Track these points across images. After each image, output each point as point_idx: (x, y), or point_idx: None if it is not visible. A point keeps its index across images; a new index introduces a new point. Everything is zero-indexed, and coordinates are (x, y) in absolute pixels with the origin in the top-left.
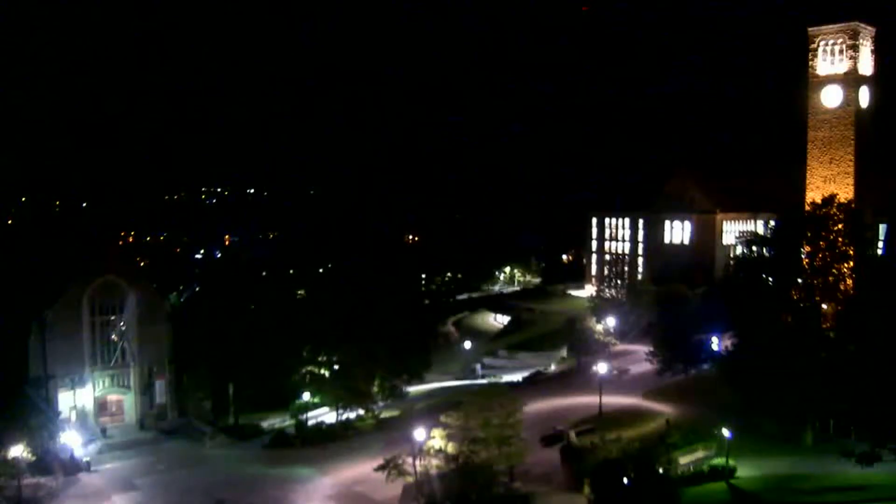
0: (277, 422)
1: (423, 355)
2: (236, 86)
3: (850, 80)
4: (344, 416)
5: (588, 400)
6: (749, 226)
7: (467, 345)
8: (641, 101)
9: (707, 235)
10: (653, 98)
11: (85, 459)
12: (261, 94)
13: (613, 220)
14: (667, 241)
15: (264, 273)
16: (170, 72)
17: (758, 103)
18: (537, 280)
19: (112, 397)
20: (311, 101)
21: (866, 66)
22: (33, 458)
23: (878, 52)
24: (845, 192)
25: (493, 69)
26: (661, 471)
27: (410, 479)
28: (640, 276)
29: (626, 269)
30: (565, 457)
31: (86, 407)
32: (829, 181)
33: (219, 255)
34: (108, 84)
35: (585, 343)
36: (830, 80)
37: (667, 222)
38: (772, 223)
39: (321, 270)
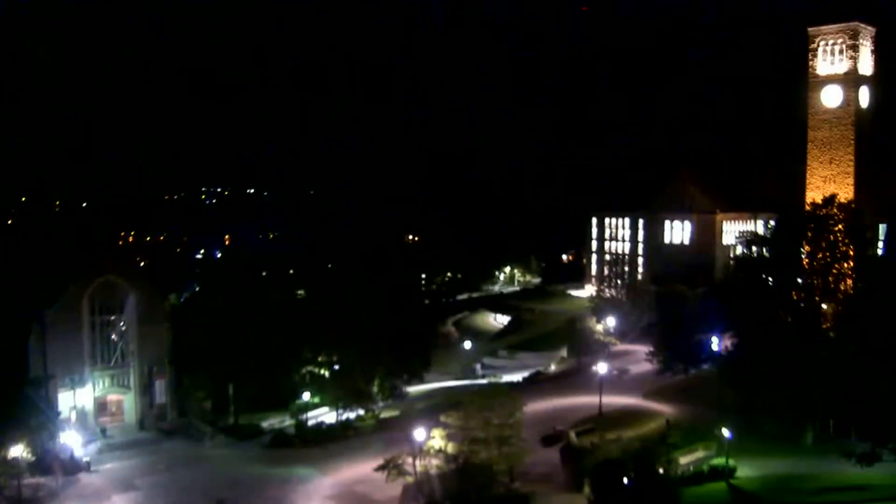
0: (277, 422)
1: (423, 355)
2: (236, 86)
3: (850, 80)
4: (344, 416)
5: (588, 400)
6: (749, 226)
7: (467, 345)
8: (642, 100)
9: (707, 235)
10: (653, 98)
11: (85, 459)
12: (261, 93)
13: (613, 220)
14: (667, 241)
15: (264, 273)
16: (170, 71)
17: (758, 103)
18: (537, 280)
19: (112, 397)
20: (312, 101)
21: (866, 66)
22: (33, 458)
23: (878, 52)
24: (845, 192)
25: (493, 68)
26: (661, 471)
27: (410, 479)
28: (640, 276)
29: (626, 269)
30: (565, 457)
31: (86, 407)
32: (829, 181)
33: (219, 255)
34: (108, 83)
35: (585, 343)
36: (830, 80)
37: (667, 222)
38: (772, 223)
39: (321, 270)
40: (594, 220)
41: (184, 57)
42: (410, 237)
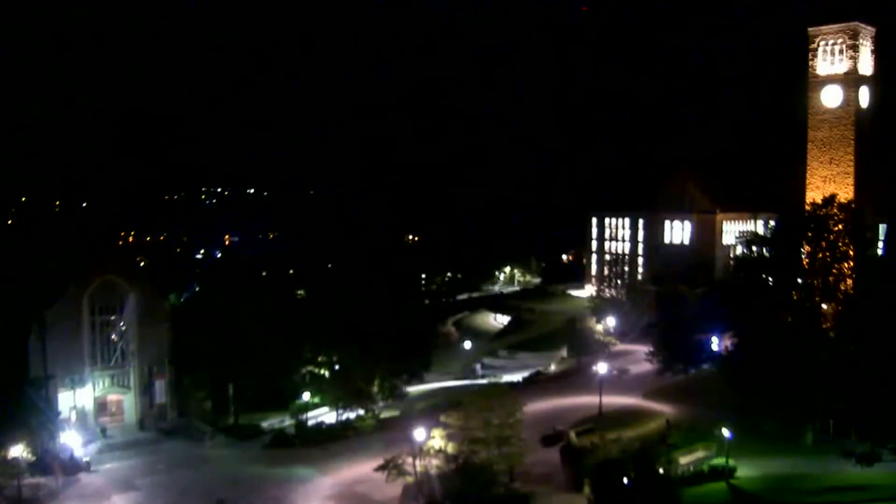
0: (277, 422)
1: (424, 355)
2: (236, 86)
3: (850, 80)
4: (344, 416)
5: (588, 400)
6: (749, 226)
7: (467, 345)
8: (641, 100)
9: (707, 235)
10: (653, 97)
11: (85, 459)
12: (261, 93)
13: (613, 220)
14: (667, 241)
15: (264, 273)
16: (170, 71)
17: (758, 103)
18: (537, 280)
19: (112, 397)
20: (311, 101)
21: (866, 66)
22: (33, 458)
23: (878, 52)
24: (845, 192)
25: (493, 68)
26: (661, 471)
27: (410, 479)
28: (640, 276)
29: (626, 269)
30: (565, 457)
31: (86, 407)
32: (829, 181)
33: (219, 255)
34: (108, 84)
35: (585, 343)
36: (830, 80)
37: (667, 222)
38: (772, 223)
39: (321, 270)
40: (594, 220)
41: (184, 56)
42: (410, 237)
